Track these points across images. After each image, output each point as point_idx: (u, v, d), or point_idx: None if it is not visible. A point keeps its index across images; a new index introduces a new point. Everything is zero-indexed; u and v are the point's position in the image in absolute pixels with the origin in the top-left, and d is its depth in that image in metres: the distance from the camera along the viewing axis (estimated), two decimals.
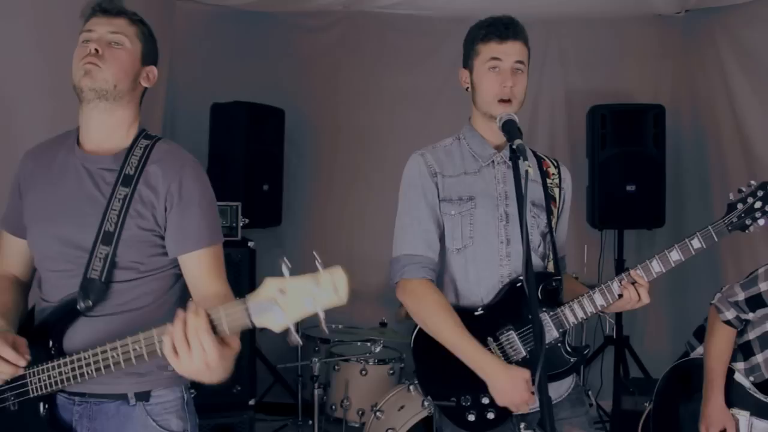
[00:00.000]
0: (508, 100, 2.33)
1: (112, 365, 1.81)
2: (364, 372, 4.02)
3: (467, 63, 2.43)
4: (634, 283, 2.31)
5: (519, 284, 2.33)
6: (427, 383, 2.41)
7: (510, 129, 2.19)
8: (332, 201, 5.35)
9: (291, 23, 5.45)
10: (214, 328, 1.62)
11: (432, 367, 2.40)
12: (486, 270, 2.37)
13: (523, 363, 2.32)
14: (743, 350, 2.84)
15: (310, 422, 4.13)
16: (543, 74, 5.49)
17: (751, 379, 2.78)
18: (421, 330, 2.40)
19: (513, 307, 2.33)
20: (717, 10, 5.00)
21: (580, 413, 2.49)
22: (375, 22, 5.42)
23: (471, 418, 2.32)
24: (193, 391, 3.92)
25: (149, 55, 2.15)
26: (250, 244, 4.27)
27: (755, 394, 2.76)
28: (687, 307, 5.15)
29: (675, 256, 2.31)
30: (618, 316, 5.16)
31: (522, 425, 2.27)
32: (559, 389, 2.45)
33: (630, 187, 4.86)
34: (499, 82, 2.32)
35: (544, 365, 1.79)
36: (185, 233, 2.04)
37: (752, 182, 2.36)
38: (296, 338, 1.57)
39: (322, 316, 1.53)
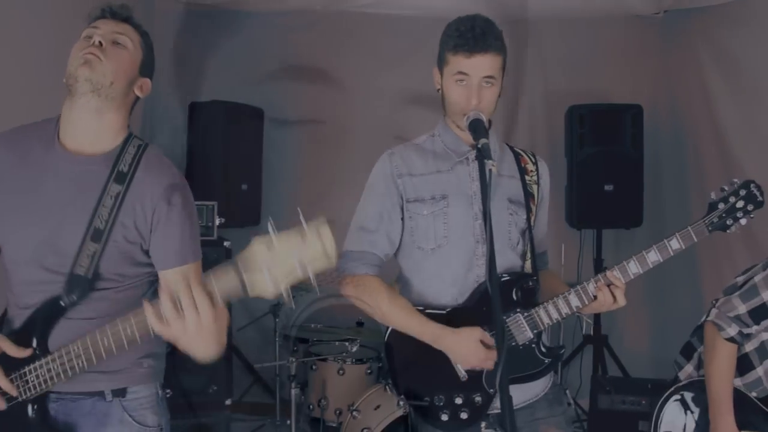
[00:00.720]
0: None
1: (103, 352, 1.83)
2: (341, 372, 4.01)
3: (439, 66, 2.40)
4: (610, 284, 2.29)
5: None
6: (401, 383, 2.40)
7: (476, 128, 2.20)
8: (312, 200, 5.32)
9: (270, 22, 5.41)
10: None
11: (405, 366, 2.40)
12: (461, 270, 2.37)
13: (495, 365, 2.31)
14: (740, 364, 2.70)
15: (288, 422, 4.12)
16: (523, 74, 5.51)
17: (754, 395, 2.67)
18: (393, 330, 2.40)
19: (485, 308, 2.31)
20: (695, 11, 5.02)
21: (558, 413, 2.48)
22: (354, 21, 5.40)
23: (444, 417, 2.32)
24: (168, 390, 3.93)
25: (147, 67, 2.14)
26: (226, 243, 4.27)
27: (766, 410, 2.64)
28: (665, 307, 5.18)
29: (653, 256, 2.29)
30: (596, 315, 5.17)
31: (483, 424, 2.27)
32: (535, 388, 2.44)
33: (608, 187, 4.87)
34: (465, 97, 2.30)
35: (505, 365, 1.78)
36: (170, 250, 2.04)
37: (735, 180, 2.30)
38: (290, 301, 1.63)
39: (313, 279, 1.58)
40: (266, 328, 4.93)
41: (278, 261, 1.58)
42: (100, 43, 1.98)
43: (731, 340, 2.65)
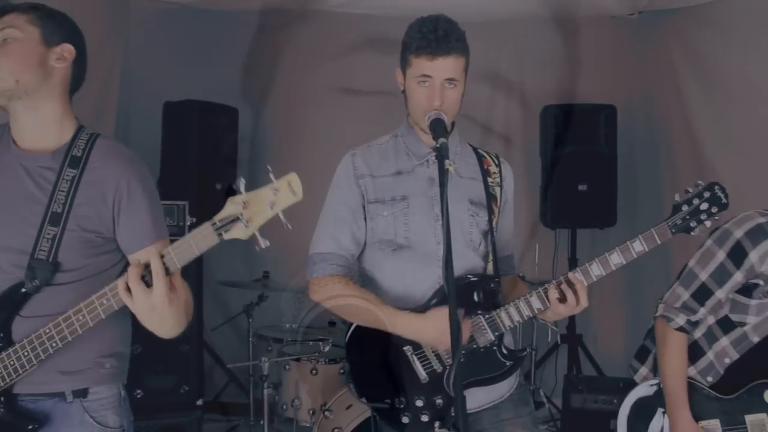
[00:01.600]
0: None
1: (79, 327, 1.88)
2: (314, 371, 4.00)
3: (402, 67, 2.40)
4: (571, 286, 2.26)
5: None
6: (362, 385, 2.39)
7: (436, 128, 2.19)
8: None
9: (246, 21, 5.40)
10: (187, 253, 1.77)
11: (366, 368, 2.39)
12: (422, 271, 2.37)
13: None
14: (692, 353, 2.67)
15: (262, 422, 4.11)
16: (498, 74, 5.53)
17: (709, 379, 2.65)
18: (354, 331, 2.39)
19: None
20: (668, 12, 5.05)
21: (524, 413, 2.48)
22: (329, 20, 5.39)
23: (405, 420, 2.31)
24: (139, 391, 3.93)
25: (54, 34, 2.05)
26: None
27: (720, 397, 2.62)
28: (640, 306, 5.20)
29: (616, 258, 2.26)
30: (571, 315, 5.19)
31: (437, 424, 2.27)
32: (500, 389, 2.44)
33: (582, 187, 4.90)
34: (427, 98, 2.29)
35: (458, 365, 1.78)
36: (136, 231, 2.05)
37: (699, 182, 2.27)
38: (263, 242, 1.74)
39: (282, 216, 1.71)
40: (242, 327, 4.92)
41: (252, 215, 1.70)
42: None
43: (681, 329, 2.62)
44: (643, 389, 2.74)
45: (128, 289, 1.79)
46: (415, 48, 2.28)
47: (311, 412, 3.96)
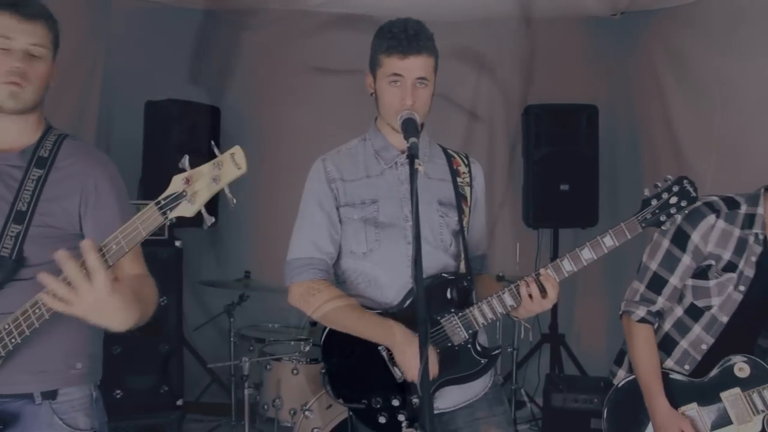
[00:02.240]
0: None
1: (35, 320, 1.86)
2: (295, 371, 3.99)
3: (372, 69, 2.40)
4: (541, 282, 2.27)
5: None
6: (338, 385, 2.40)
7: (407, 127, 2.20)
8: (270, 200, 5.30)
9: (228, 21, 5.39)
10: (135, 238, 1.74)
11: (342, 369, 2.40)
12: (394, 272, 2.38)
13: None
14: (665, 346, 2.74)
15: (243, 422, 4.11)
16: (481, 74, 5.54)
17: (686, 367, 2.69)
18: (329, 332, 2.40)
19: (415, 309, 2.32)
20: (649, 13, 5.07)
21: (498, 412, 2.50)
22: (312, 20, 5.38)
23: (382, 420, 2.32)
24: (119, 391, 3.91)
25: (56, 54, 2.11)
26: (177, 243, 4.23)
27: (693, 381, 2.66)
28: None
29: (587, 254, 2.27)
30: (554, 314, 5.22)
31: (404, 424, 2.28)
32: (475, 388, 2.45)
33: (564, 186, 4.91)
34: (399, 98, 2.30)
35: (426, 364, 1.78)
36: (104, 229, 2.00)
37: (668, 177, 2.29)
38: (209, 219, 1.73)
39: (227, 190, 1.69)
40: (225, 327, 4.91)
41: (197, 191, 1.67)
42: (18, 67, 1.96)
43: (643, 320, 2.69)
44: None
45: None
46: (386, 48, 2.29)
47: (292, 412, 3.95)
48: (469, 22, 5.29)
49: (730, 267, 2.63)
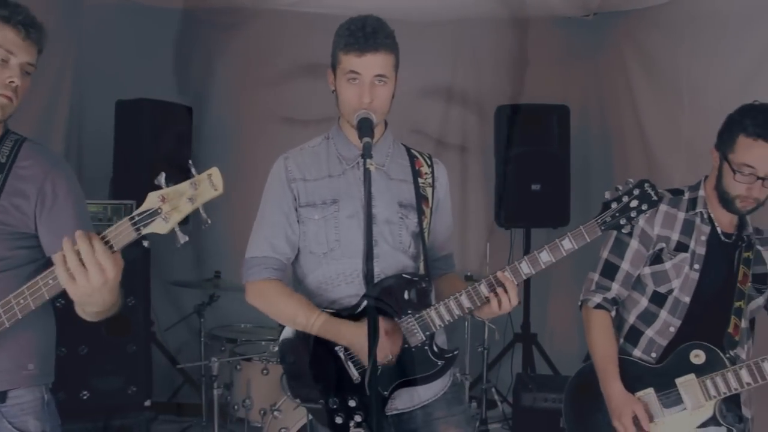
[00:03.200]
0: None
1: (19, 312, 1.86)
2: (265, 371, 3.98)
3: (332, 66, 2.40)
4: (501, 285, 2.27)
5: (382, 286, 2.34)
6: (295, 385, 2.40)
7: (362, 127, 2.20)
8: (242, 200, 5.28)
9: (200, 20, 5.36)
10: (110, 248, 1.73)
11: (299, 369, 2.40)
12: (353, 273, 2.38)
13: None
14: (631, 337, 2.80)
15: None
16: (455, 74, 5.56)
17: (653, 355, 2.73)
18: (286, 332, 2.41)
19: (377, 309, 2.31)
20: (621, 14, 5.10)
21: (457, 412, 2.51)
22: (284, 19, 5.37)
23: (339, 420, 2.32)
24: (85, 392, 3.89)
25: None
26: (144, 243, 4.21)
27: (651, 366, 2.71)
28: None
29: (545, 257, 2.27)
30: (526, 313, 5.23)
31: (352, 423, 2.28)
32: (434, 388, 2.46)
33: (535, 186, 4.92)
34: (357, 96, 2.30)
35: (373, 364, 1.78)
36: (60, 232, 2.01)
37: (630, 180, 2.29)
38: (183, 237, 1.75)
39: (202, 211, 1.73)
40: (197, 327, 4.90)
41: (169, 202, 1.70)
42: (12, 83, 2.00)
43: (599, 306, 2.78)
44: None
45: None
46: (344, 45, 2.29)
47: (262, 412, 3.95)
48: (442, 22, 5.30)
49: (682, 247, 2.71)
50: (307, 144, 2.54)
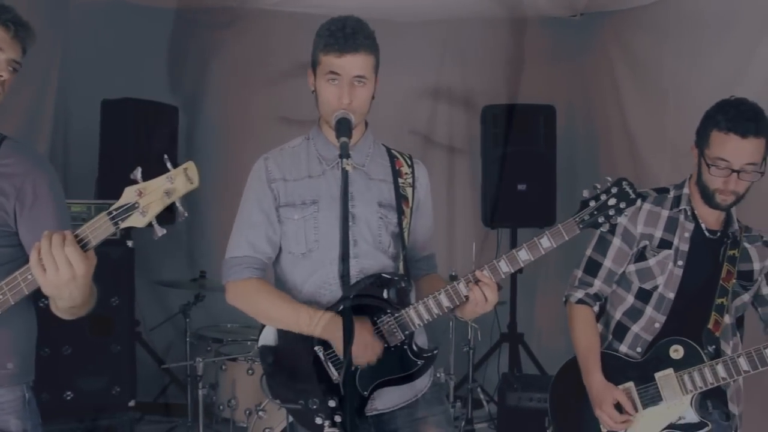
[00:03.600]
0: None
1: None
2: (251, 371, 3.97)
3: (312, 67, 2.39)
4: (479, 282, 2.26)
5: (361, 285, 2.34)
6: (275, 386, 2.41)
7: (340, 127, 2.20)
8: (226, 200, 5.27)
9: (187, 19, 5.35)
10: (84, 246, 1.74)
11: (279, 369, 2.41)
12: (332, 273, 2.37)
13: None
14: (618, 333, 2.83)
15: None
16: (442, 74, 5.57)
17: (639, 350, 2.76)
18: (266, 333, 2.42)
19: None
20: (608, 14, 5.12)
21: (438, 412, 2.52)
22: (271, 19, 5.36)
23: (318, 421, 2.32)
24: (69, 393, 3.88)
25: None
26: (128, 243, 4.20)
27: (632, 361, 2.74)
28: None
29: (524, 255, 2.26)
30: (513, 313, 5.24)
31: (327, 423, 2.28)
32: (414, 388, 2.46)
33: (521, 186, 4.92)
34: (336, 96, 2.29)
35: (348, 364, 1.78)
36: (39, 230, 1.98)
37: (608, 178, 2.30)
38: (160, 230, 1.77)
39: (179, 204, 1.75)
40: (183, 327, 4.90)
41: (146, 196, 1.72)
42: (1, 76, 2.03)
43: (581, 302, 2.83)
44: None
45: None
46: (324, 45, 2.29)
47: (248, 412, 3.94)
48: (429, 22, 5.30)
49: (665, 244, 2.74)
50: (288, 144, 2.54)
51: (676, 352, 2.66)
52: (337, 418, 2.30)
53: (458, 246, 5.47)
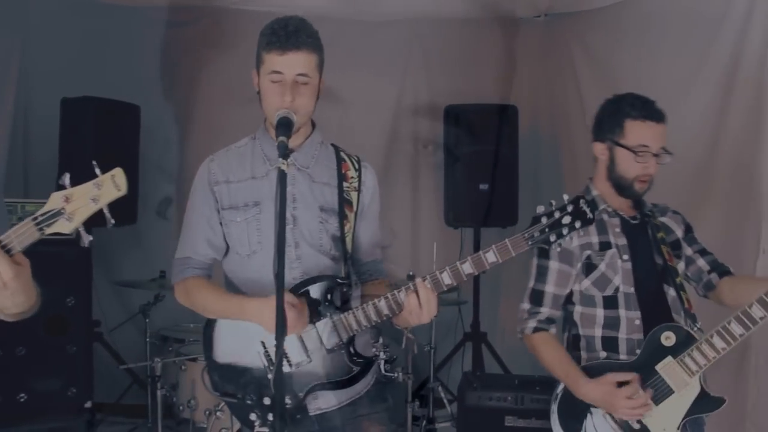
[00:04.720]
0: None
1: None
2: None
3: (256, 67, 2.38)
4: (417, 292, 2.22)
5: (303, 288, 2.34)
6: (214, 377, 2.44)
7: (279, 126, 2.19)
8: (186, 199, 5.25)
9: (149, 17, 5.31)
10: (8, 251, 1.74)
11: (218, 361, 2.43)
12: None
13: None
14: (609, 347, 2.72)
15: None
16: (406, 74, 5.57)
17: (638, 352, 2.66)
18: (207, 324, 2.46)
19: None
20: (570, 15, 5.15)
21: (380, 409, 2.53)
22: (236, 18, 5.31)
23: (253, 417, 2.34)
24: (23, 394, 3.84)
25: None
26: (84, 243, 4.14)
27: (628, 362, 2.66)
28: None
29: (468, 268, 2.22)
30: (476, 312, 5.25)
31: (258, 423, 2.29)
32: (356, 387, 2.45)
33: (483, 186, 4.94)
34: (279, 95, 2.28)
35: (279, 363, 1.79)
36: None
37: (565, 196, 2.24)
38: (87, 237, 1.79)
39: (106, 210, 1.76)
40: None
41: (76, 209, 1.74)
42: None
43: (536, 330, 2.74)
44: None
45: None
46: (266, 44, 2.29)
47: (207, 412, 3.93)
48: (393, 22, 5.30)
49: (605, 246, 2.73)
50: (234, 145, 2.54)
51: (668, 339, 2.60)
52: (269, 417, 2.31)
53: (421, 246, 5.48)
